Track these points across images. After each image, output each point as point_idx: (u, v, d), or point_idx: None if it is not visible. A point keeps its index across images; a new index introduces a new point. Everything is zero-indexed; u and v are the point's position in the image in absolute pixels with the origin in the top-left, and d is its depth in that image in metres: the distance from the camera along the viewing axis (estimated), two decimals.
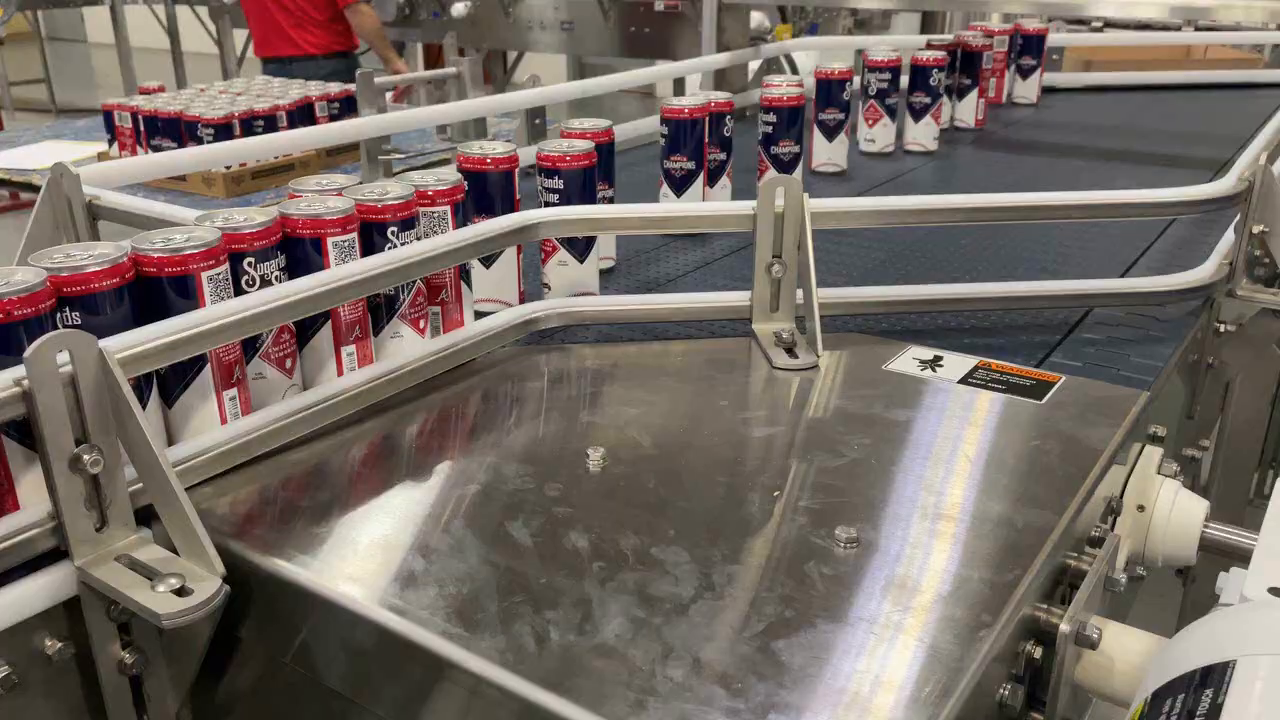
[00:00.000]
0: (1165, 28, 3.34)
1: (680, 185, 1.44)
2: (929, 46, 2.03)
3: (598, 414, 0.94)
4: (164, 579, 0.68)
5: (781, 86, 1.59)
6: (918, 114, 1.97)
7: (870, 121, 1.95)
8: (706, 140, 1.44)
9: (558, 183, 1.15)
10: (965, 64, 2.14)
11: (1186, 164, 1.92)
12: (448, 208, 1.01)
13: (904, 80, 1.98)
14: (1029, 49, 2.40)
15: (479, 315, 1.08)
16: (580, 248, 1.13)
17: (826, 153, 1.79)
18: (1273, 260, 1.24)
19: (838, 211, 1.11)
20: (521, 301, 1.15)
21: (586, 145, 1.15)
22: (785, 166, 1.60)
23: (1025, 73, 2.40)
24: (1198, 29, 3.19)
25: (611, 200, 1.31)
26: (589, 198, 1.16)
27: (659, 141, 1.44)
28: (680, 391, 1.00)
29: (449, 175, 1.03)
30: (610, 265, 1.32)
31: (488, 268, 1.11)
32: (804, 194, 1.06)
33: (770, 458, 0.86)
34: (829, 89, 1.75)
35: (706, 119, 1.43)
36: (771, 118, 1.58)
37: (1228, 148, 1.95)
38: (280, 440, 0.84)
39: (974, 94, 2.16)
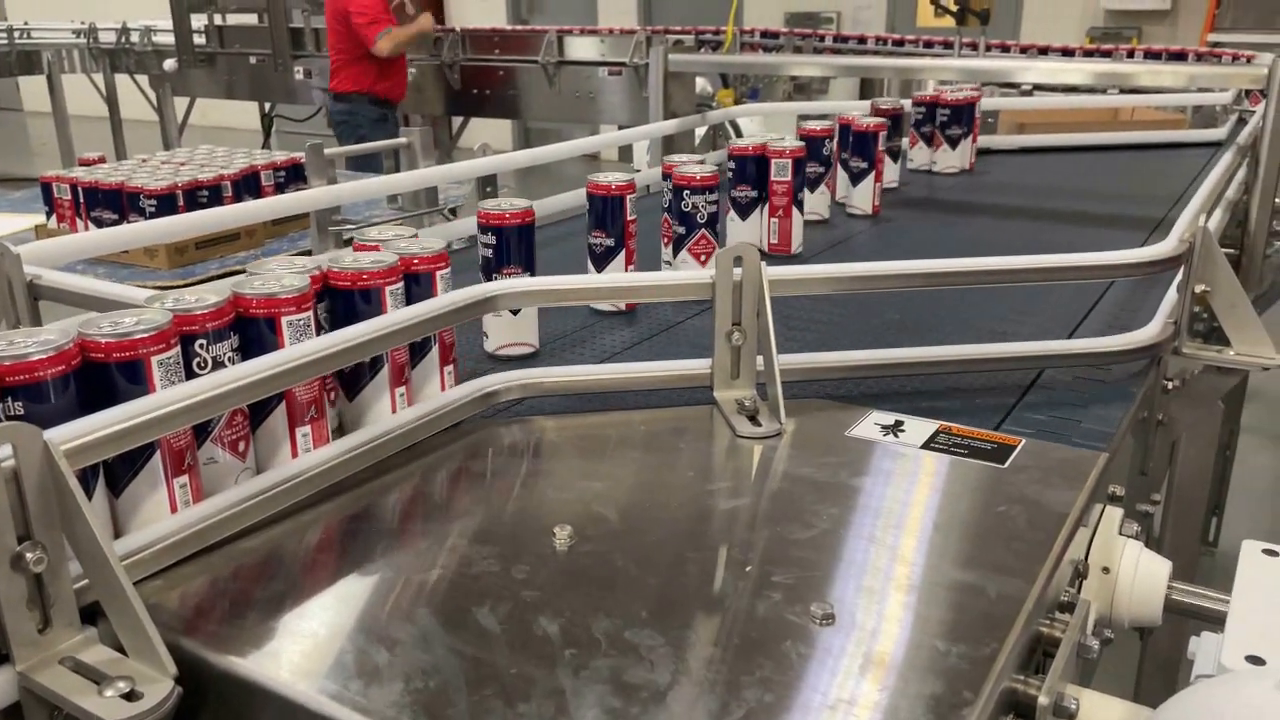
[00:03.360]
0: (1092, 90, 3.47)
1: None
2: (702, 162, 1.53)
3: (562, 489, 0.92)
4: (112, 682, 0.64)
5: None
6: (675, 245, 1.48)
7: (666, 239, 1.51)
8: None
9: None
10: (759, 174, 1.67)
11: (1123, 223, 1.98)
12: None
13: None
14: (859, 149, 1.98)
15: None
16: None
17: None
18: (1210, 316, 1.27)
19: (795, 279, 1.12)
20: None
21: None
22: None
23: (856, 178, 1.99)
24: (1123, 92, 3.31)
25: None
26: None
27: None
28: (644, 463, 0.99)
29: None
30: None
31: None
32: (761, 262, 1.06)
33: (739, 530, 0.85)
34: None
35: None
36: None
37: (1160, 206, 2.02)
38: (234, 528, 0.81)
39: (764, 210, 1.69)
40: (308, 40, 5.71)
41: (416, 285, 1.01)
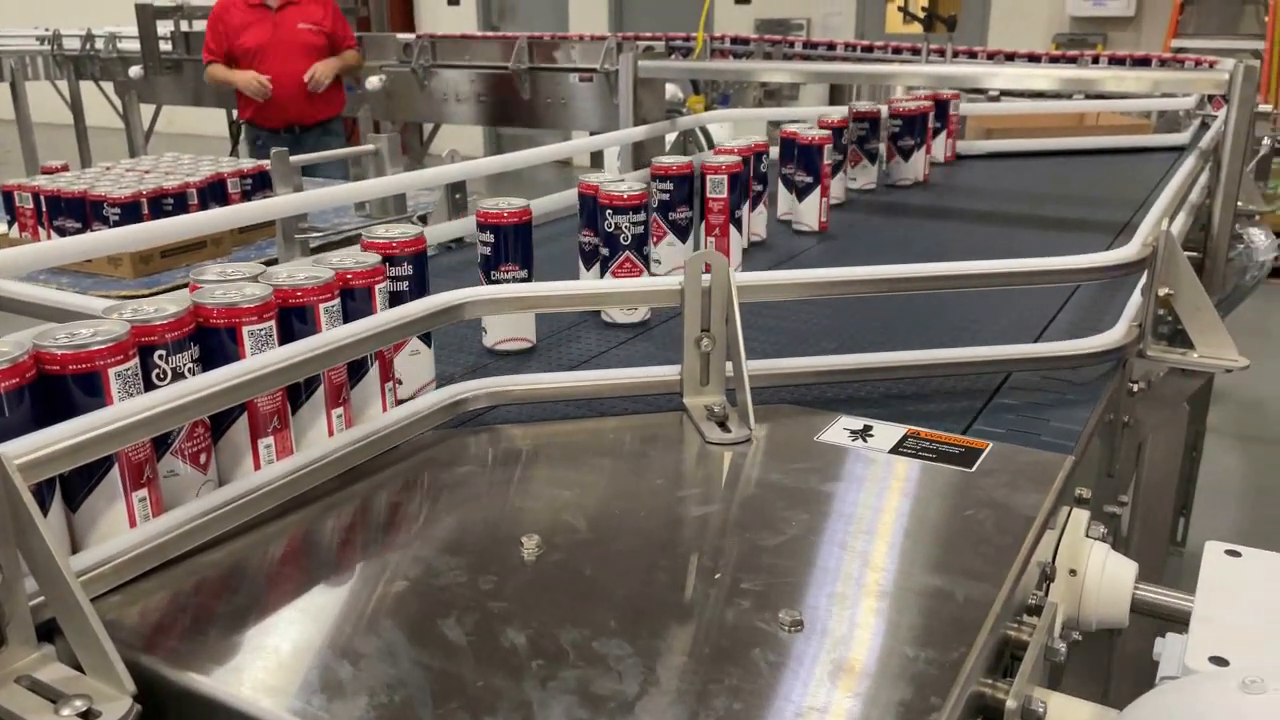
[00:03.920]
0: (1058, 96, 3.50)
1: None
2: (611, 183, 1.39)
3: (530, 498, 0.92)
4: (69, 701, 0.63)
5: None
6: (600, 267, 1.39)
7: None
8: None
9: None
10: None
11: (1089, 227, 2.00)
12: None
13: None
14: (804, 163, 1.87)
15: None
16: None
17: None
18: (1175, 319, 1.29)
19: (763, 285, 1.12)
20: None
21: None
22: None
23: (801, 193, 1.90)
24: (1089, 97, 3.35)
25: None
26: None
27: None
28: (614, 470, 0.99)
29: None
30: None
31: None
32: (729, 268, 1.06)
33: (709, 537, 0.85)
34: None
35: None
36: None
37: (1125, 210, 2.04)
38: (195, 541, 0.80)
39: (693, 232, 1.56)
40: None
41: (351, 300, 0.98)
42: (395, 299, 1.06)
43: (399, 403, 1.03)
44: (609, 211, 1.35)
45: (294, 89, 4.41)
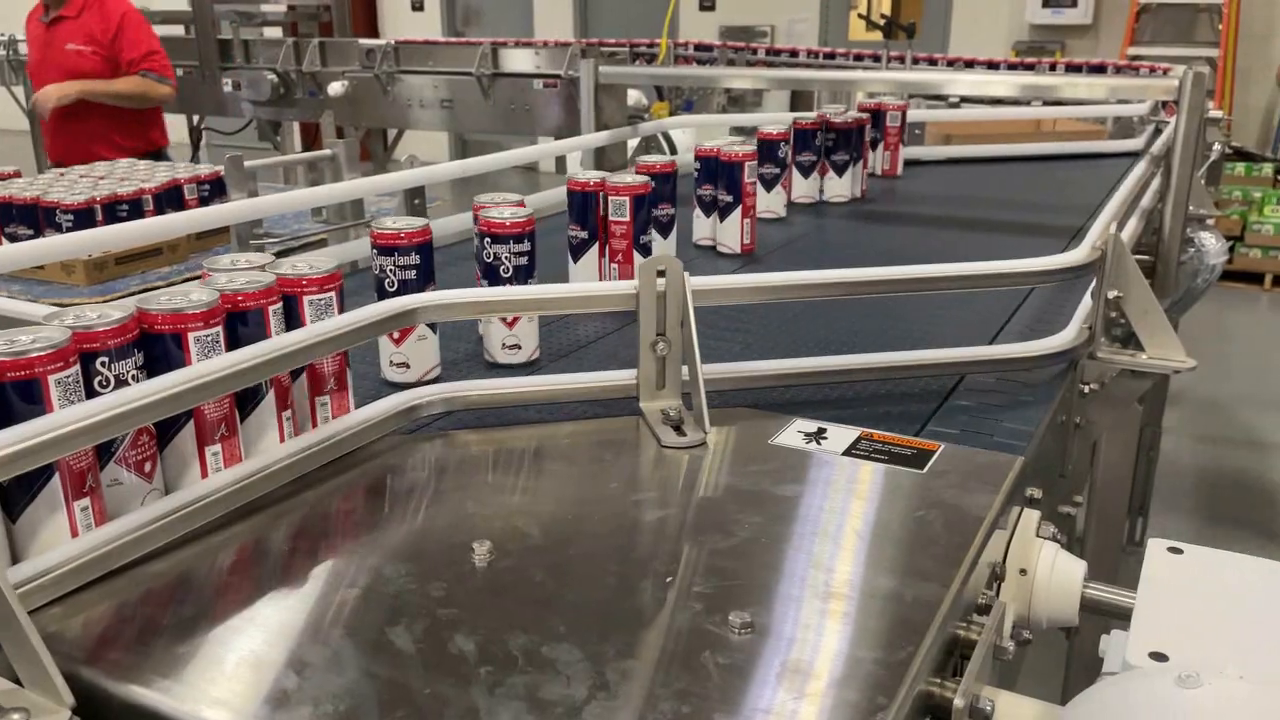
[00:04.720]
0: (1017, 102, 3.55)
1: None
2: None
3: (483, 504, 0.91)
4: (6, 714, 0.62)
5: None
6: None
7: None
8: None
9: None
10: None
11: (1044, 232, 2.02)
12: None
13: None
14: (725, 181, 1.76)
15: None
16: None
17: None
18: (1127, 322, 1.31)
19: (718, 289, 1.12)
20: None
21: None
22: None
23: (723, 212, 1.78)
24: (1046, 103, 3.39)
25: None
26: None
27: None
28: (569, 475, 0.98)
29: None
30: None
31: None
32: (684, 273, 1.06)
33: (662, 541, 0.85)
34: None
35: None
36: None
37: (1079, 215, 2.07)
38: (139, 551, 0.78)
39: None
40: (236, 52, 5.61)
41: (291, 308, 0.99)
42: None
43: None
44: (487, 240, 1.20)
45: (51, 121, 3.63)
